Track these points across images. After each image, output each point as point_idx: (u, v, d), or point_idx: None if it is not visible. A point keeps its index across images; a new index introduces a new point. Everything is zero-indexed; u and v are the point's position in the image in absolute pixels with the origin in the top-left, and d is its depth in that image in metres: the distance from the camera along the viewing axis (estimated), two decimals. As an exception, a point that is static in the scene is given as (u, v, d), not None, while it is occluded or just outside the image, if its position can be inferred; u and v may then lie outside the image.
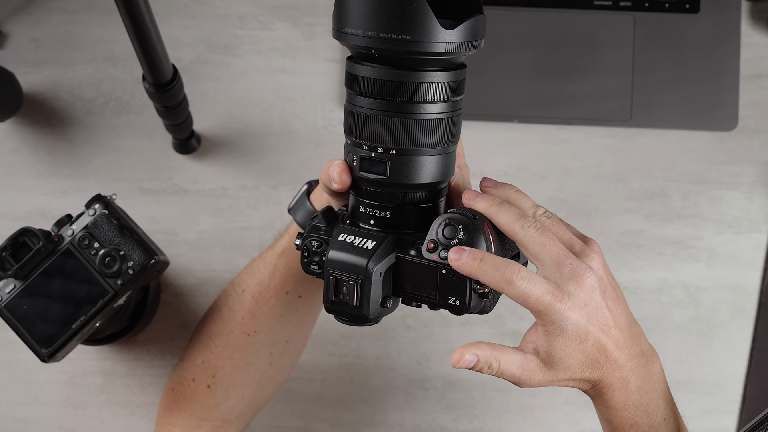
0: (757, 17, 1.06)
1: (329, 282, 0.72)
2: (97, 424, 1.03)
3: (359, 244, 0.72)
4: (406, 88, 0.70)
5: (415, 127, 0.70)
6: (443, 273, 0.70)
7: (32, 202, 1.05)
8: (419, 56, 0.68)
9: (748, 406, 1.02)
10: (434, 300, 0.71)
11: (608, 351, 0.71)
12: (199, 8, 1.07)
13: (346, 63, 0.73)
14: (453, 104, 0.72)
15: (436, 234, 0.70)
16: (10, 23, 1.07)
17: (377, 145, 0.71)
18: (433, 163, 0.72)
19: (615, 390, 0.72)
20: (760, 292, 1.03)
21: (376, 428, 1.03)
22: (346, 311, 0.72)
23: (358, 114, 0.71)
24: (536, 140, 1.05)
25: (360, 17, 0.68)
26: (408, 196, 0.72)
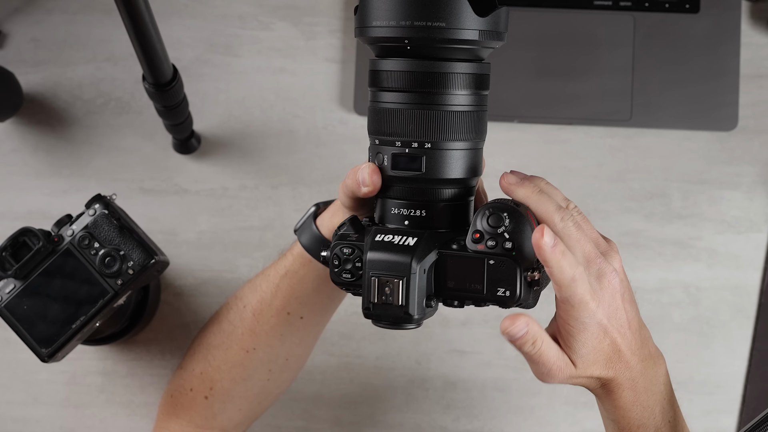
0: (757, 17, 1.06)
1: (371, 284, 0.69)
2: (97, 424, 1.03)
3: (399, 242, 0.70)
4: (441, 79, 0.69)
5: (449, 119, 0.69)
6: (491, 263, 0.69)
7: (32, 202, 1.05)
8: (453, 44, 0.68)
9: (748, 406, 1.02)
10: (481, 294, 0.69)
11: (622, 352, 0.72)
12: (199, 8, 1.07)
13: (370, 63, 0.72)
14: (481, 98, 0.72)
15: (481, 224, 0.69)
16: (10, 23, 1.07)
17: (411, 140, 0.69)
18: (466, 157, 0.71)
19: (624, 390, 0.73)
20: (760, 292, 1.03)
21: (376, 428, 1.03)
22: (389, 313, 0.69)
23: (390, 110, 0.70)
24: (536, 140, 1.05)
25: (392, 8, 0.67)
26: (442, 193, 0.71)
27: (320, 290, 0.85)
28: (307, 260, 0.83)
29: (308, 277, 0.84)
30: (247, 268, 1.04)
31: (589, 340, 0.70)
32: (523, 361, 1.03)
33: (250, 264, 1.04)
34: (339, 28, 1.07)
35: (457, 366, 1.03)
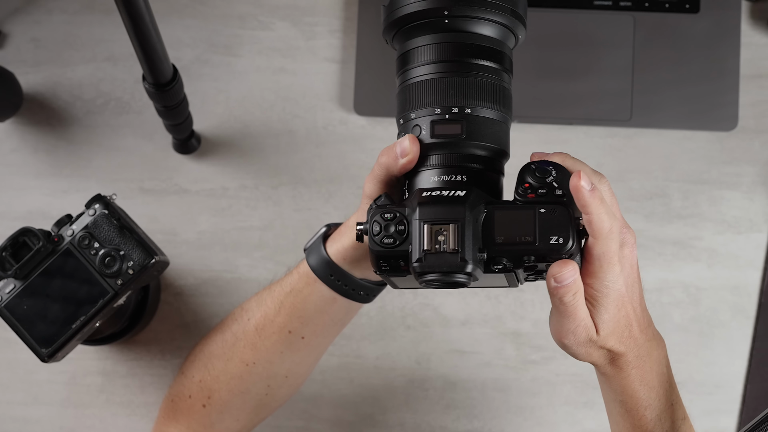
0: (757, 17, 1.06)
1: (422, 231, 0.68)
2: (97, 424, 1.03)
3: (449, 195, 0.69)
4: (476, 50, 0.71)
5: (485, 86, 0.71)
6: (541, 212, 0.68)
7: (32, 202, 1.05)
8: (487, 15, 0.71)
9: (748, 406, 1.02)
10: (533, 245, 0.68)
11: (632, 327, 0.72)
12: (200, 8, 1.07)
13: (401, 48, 0.73)
14: (509, 77, 0.74)
15: (528, 177, 0.69)
16: (10, 23, 1.07)
17: (451, 106, 0.70)
18: (500, 127, 0.72)
19: (633, 368, 0.73)
20: (760, 291, 1.03)
21: (376, 428, 1.03)
22: (443, 261, 0.67)
23: (427, 81, 0.71)
24: (536, 140, 1.05)
25: None
26: (480, 159, 0.71)
27: (323, 312, 0.84)
28: (312, 280, 0.83)
29: (312, 298, 0.84)
30: (247, 268, 1.04)
31: (611, 307, 0.70)
32: (524, 361, 1.04)
33: (250, 264, 1.04)
34: (339, 28, 1.07)
35: (457, 366, 1.03)
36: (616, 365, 0.74)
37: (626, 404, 0.75)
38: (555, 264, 0.68)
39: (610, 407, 0.79)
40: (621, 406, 0.76)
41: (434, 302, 1.03)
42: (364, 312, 1.03)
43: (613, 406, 0.78)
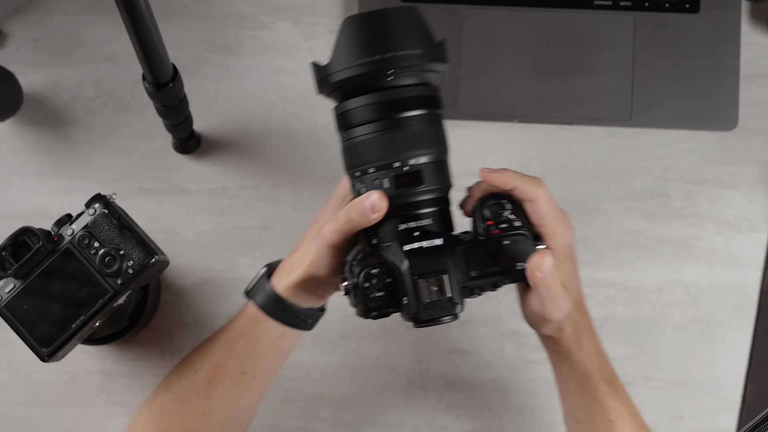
0: (757, 17, 1.06)
1: (417, 287, 0.75)
2: (97, 423, 1.03)
3: (430, 246, 0.76)
4: (435, 100, 0.79)
5: (437, 133, 0.78)
6: (506, 244, 0.77)
7: (32, 201, 1.05)
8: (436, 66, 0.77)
9: (748, 405, 1.02)
10: (503, 273, 0.77)
11: (581, 296, 0.83)
12: (199, 8, 1.07)
13: (339, 107, 0.79)
14: (442, 111, 0.80)
15: (487, 213, 0.78)
16: (10, 23, 1.07)
17: (408, 158, 0.77)
18: (445, 166, 0.80)
19: (588, 333, 0.83)
20: (760, 291, 1.03)
21: (376, 428, 1.03)
22: (438, 308, 0.75)
23: (379, 138, 0.76)
24: (536, 140, 1.05)
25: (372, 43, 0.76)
26: (438, 200, 0.78)
27: (274, 347, 0.88)
28: (262, 319, 0.86)
29: (264, 336, 0.87)
30: (247, 268, 1.04)
31: (571, 267, 0.80)
32: (524, 361, 1.04)
33: (249, 264, 1.04)
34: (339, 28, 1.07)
35: (457, 366, 1.03)
36: (577, 333, 0.83)
37: (585, 372, 0.83)
38: (534, 257, 0.76)
39: (566, 381, 0.86)
40: (580, 376, 0.83)
41: (434, 302, 1.03)
42: (364, 312, 1.03)
43: (570, 378, 0.85)
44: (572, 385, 0.85)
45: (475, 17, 1.05)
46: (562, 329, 0.82)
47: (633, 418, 0.85)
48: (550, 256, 0.76)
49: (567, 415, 0.88)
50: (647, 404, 1.02)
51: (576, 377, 0.84)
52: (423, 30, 0.77)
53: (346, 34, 0.77)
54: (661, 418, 1.02)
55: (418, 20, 0.76)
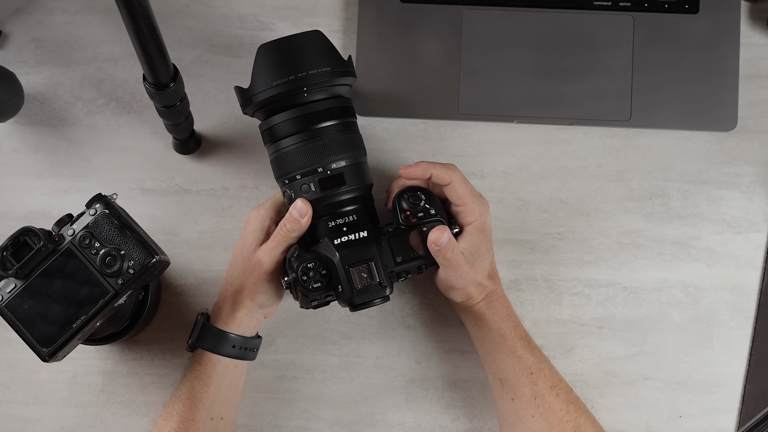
0: (757, 17, 1.06)
1: (350, 274, 0.87)
2: (98, 423, 1.03)
3: (357, 238, 0.88)
4: (348, 110, 0.92)
5: (354, 140, 0.91)
6: (424, 230, 0.89)
7: (33, 201, 1.05)
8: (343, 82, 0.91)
9: (747, 405, 1.02)
10: (424, 257, 0.89)
11: (494, 265, 0.94)
12: (200, 8, 1.08)
13: (265, 123, 0.92)
14: (356, 119, 0.94)
15: (405, 205, 0.90)
16: (11, 23, 1.07)
17: (330, 163, 0.88)
18: (364, 167, 0.92)
19: (500, 299, 0.94)
20: (759, 291, 1.03)
21: (376, 428, 1.03)
22: (372, 293, 0.87)
23: (303, 148, 0.89)
24: (536, 140, 1.05)
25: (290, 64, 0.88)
26: (359, 197, 0.90)
27: (232, 385, 0.96)
28: (216, 362, 0.94)
29: (222, 377, 0.93)
30: (247, 268, 1.04)
31: (484, 240, 0.91)
32: (523, 360, 1.03)
33: (250, 264, 1.04)
34: (339, 28, 1.07)
35: (457, 366, 1.03)
36: (489, 298, 0.93)
37: (501, 331, 0.93)
38: (431, 233, 0.88)
39: (485, 342, 0.95)
40: (497, 335, 0.93)
41: (434, 302, 1.03)
42: (364, 312, 1.03)
43: (488, 339, 0.94)
44: (491, 346, 0.94)
45: (475, 17, 1.05)
46: (471, 296, 0.93)
47: (552, 372, 0.94)
48: (447, 231, 0.87)
49: (491, 378, 0.95)
50: (647, 404, 1.02)
51: (494, 337, 0.94)
52: (330, 50, 0.89)
53: (263, 59, 0.89)
54: (660, 418, 1.02)
55: (325, 42, 0.89)
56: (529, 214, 1.04)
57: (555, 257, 1.04)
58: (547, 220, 1.04)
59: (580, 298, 1.03)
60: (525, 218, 1.04)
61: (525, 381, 0.93)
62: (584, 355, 1.03)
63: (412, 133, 1.06)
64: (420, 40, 1.05)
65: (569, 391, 0.95)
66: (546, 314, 1.04)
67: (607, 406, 1.03)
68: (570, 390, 0.95)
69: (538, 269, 1.04)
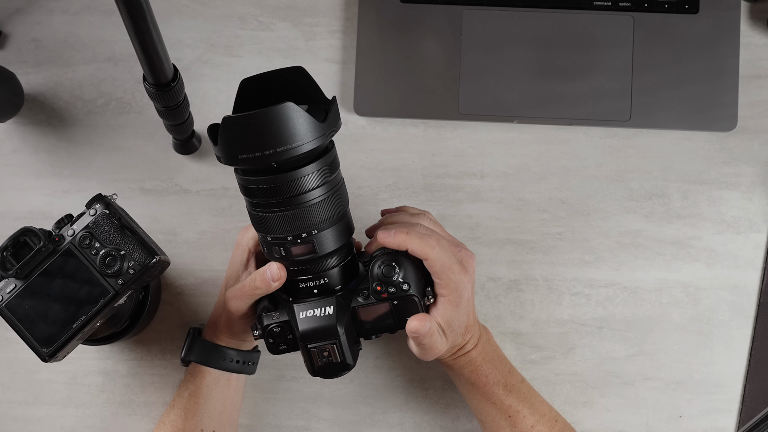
0: (757, 17, 1.06)
1: (311, 353, 0.85)
2: (98, 423, 1.04)
3: (321, 314, 0.85)
4: (301, 184, 0.82)
5: (326, 206, 0.83)
6: (395, 304, 0.86)
7: (33, 202, 1.05)
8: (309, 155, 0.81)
9: (747, 405, 1.02)
10: (394, 327, 0.87)
11: (470, 322, 0.91)
12: (200, 9, 1.08)
13: (241, 180, 0.83)
14: (336, 178, 0.85)
15: (378, 275, 0.85)
16: (11, 24, 1.07)
17: (300, 233, 0.83)
18: (343, 226, 0.85)
19: (473, 349, 0.91)
20: (759, 291, 1.03)
21: (376, 428, 1.03)
22: (332, 369, 0.85)
23: (273, 216, 0.82)
24: (536, 140, 1.05)
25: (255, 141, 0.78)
26: (334, 258, 0.85)
27: (225, 398, 0.95)
28: (206, 374, 0.94)
29: (212, 389, 0.94)
30: (247, 268, 1.04)
31: (461, 312, 0.88)
32: (523, 360, 1.04)
33: (250, 264, 1.04)
34: (339, 29, 1.07)
35: (457, 366, 1.03)
36: (461, 350, 0.91)
37: (473, 381, 0.92)
38: (410, 321, 0.85)
39: (461, 388, 0.95)
40: (469, 384, 0.93)
41: (434, 302, 1.03)
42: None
43: (463, 386, 0.94)
44: (466, 392, 0.94)
45: (475, 17, 1.05)
46: (440, 358, 0.92)
47: (532, 410, 0.93)
48: (426, 320, 0.85)
49: (475, 417, 0.97)
50: (646, 404, 1.02)
51: (465, 386, 0.93)
52: (302, 119, 0.78)
53: (226, 132, 0.79)
54: (660, 418, 1.02)
55: (298, 112, 0.78)
56: (529, 214, 1.04)
57: (555, 257, 1.04)
58: (547, 220, 1.04)
59: (580, 298, 1.03)
60: (525, 218, 1.04)
61: (504, 424, 0.93)
62: (584, 355, 1.03)
63: (412, 133, 1.06)
64: (420, 40, 1.05)
65: (552, 424, 0.94)
66: (546, 314, 1.04)
67: (607, 406, 1.03)
68: (554, 422, 0.94)
69: (538, 269, 1.04)
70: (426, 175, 1.05)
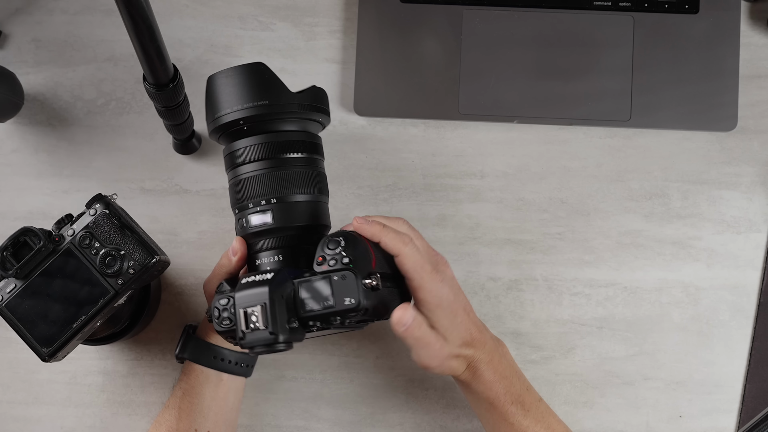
0: (757, 17, 1.06)
1: (239, 316, 0.79)
2: (98, 423, 1.04)
3: (260, 279, 0.80)
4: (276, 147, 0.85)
5: (289, 176, 0.84)
6: (335, 279, 0.80)
7: (33, 201, 1.05)
8: (277, 117, 0.85)
9: (747, 405, 1.02)
10: (333, 307, 0.79)
11: (473, 330, 0.86)
12: (200, 9, 1.08)
13: (224, 149, 0.87)
14: (316, 161, 0.87)
15: (322, 250, 0.81)
16: (11, 24, 1.07)
17: (261, 199, 0.83)
18: (312, 206, 0.85)
19: (485, 364, 0.87)
20: (759, 291, 1.03)
21: (376, 428, 1.03)
22: (258, 338, 0.79)
23: (243, 180, 0.84)
24: (536, 140, 1.05)
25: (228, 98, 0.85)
26: (293, 238, 0.84)
27: (216, 397, 0.93)
28: (198, 372, 0.93)
29: (203, 387, 0.93)
30: (247, 268, 1.04)
31: (445, 315, 0.83)
32: (523, 360, 1.04)
33: (250, 264, 1.04)
34: (339, 29, 1.07)
35: (457, 366, 1.03)
36: (472, 366, 0.87)
37: (490, 399, 0.88)
38: (394, 312, 0.81)
39: (477, 408, 0.91)
40: (486, 402, 0.88)
41: (434, 302, 1.03)
42: (364, 312, 1.03)
43: (479, 405, 0.90)
44: (482, 411, 0.90)
45: (475, 17, 1.05)
46: (453, 369, 0.87)
47: (549, 429, 0.89)
48: (411, 309, 0.80)
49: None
50: (646, 404, 1.02)
51: (483, 404, 0.89)
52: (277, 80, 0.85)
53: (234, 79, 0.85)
54: (660, 418, 1.02)
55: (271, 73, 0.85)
56: (529, 214, 1.04)
57: (555, 257, 1.04)
58: (547, 220, 1.04)
59: (580, 298, 1.03)
60: (525, 218, 1.04)
61: None
62: (584, 355, 1.03)
63: (412, 133, 1.06)
64: (420, 40, 1.05)
65: None
66: (546, 314, 1.04)
67: (607, 406, 1.03)
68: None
69: (538, 269, 1.04)
70: (426, 175, 1.05)
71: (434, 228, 1.04)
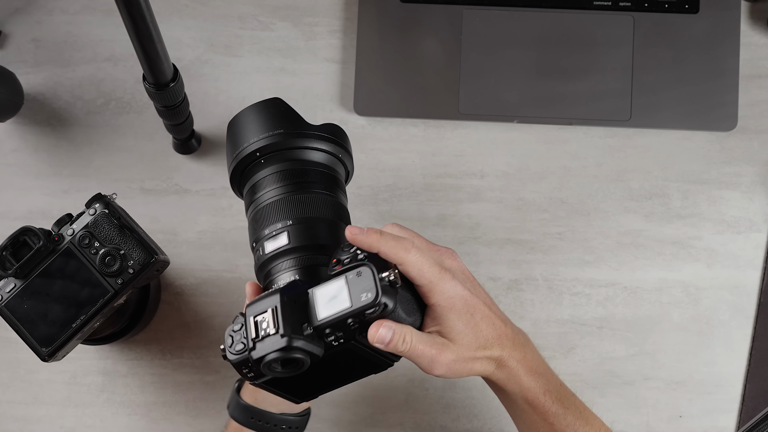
0: (757, 17, 1.06)
1: (249, 326, 0.73)
2: (98, 423, 1.03)
3: (272, 290, 0.74)
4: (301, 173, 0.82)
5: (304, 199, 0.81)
6: (350, 277, 0.73)
7: (33, 201, 1.05)
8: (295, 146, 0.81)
9: (747, 405, 1.02)
10: (350, 308, 0.72)
11: (497, 325, 0.78)
12: (200, 8, 1.08)
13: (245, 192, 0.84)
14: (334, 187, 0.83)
15: (337, 254, 0.76)
16: (10, 23, 1.07)
17: (277, 223, 0.79)
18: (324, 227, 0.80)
19: (518, 362, 0.79)
20: (759, 291, 1.03)
21: (376, 428, 1.03)
22: (269, 344, 0.71)
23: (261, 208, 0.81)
24: (536, 140, 1.05)
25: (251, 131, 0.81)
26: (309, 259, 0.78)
27: None
28: (234, 429, 0.89)
29: None
30: (247, 268, 1.04)
31: (461, 317, 0.76)
32: (523, 360, 1.03)
33: (249, 264, 1.04)
34: (339, 28, 1.07)
35: (457, 366, 1.03)
36: (504, 367, 0.79)
37: (527, 398, 0.80)
38: (369, 330, 0.72)
39: (513, 409, 0.83)
40: (523, 402, 0.80)
41: (434, 302, 1.03)
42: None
43: (516, 407, 0.82)
44: (520, 412, 0.83)
45: (475, 17, 1.05)
46: (479, 371, 0.79)
47: (589, 427, 0.83)
48: (383, 325, 0.72)
49: None
50: (647, 404, 1.02)
51: (521, 405, 0.82)
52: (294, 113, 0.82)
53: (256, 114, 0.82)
54: (660, 418, 1.02)
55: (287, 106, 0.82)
56: (529, 214, 1.04)
57: (555, 257, 1.04)
58: (547, 220, 1.04)
59: (580, 298, 1.03)
60: (525, 218, 1.04)
61: None
62: (584, 355, 1.03)
63: (412, 133, 1.06)
64: (420, 40, 1.05)
65: None
66: (546, 314, 1.04)
67: (607, 406, 1.03)
68: None
69: (538, 269, 1.04)
70: (426, 174, 1.05)
71: (434, 228, 1.04)
